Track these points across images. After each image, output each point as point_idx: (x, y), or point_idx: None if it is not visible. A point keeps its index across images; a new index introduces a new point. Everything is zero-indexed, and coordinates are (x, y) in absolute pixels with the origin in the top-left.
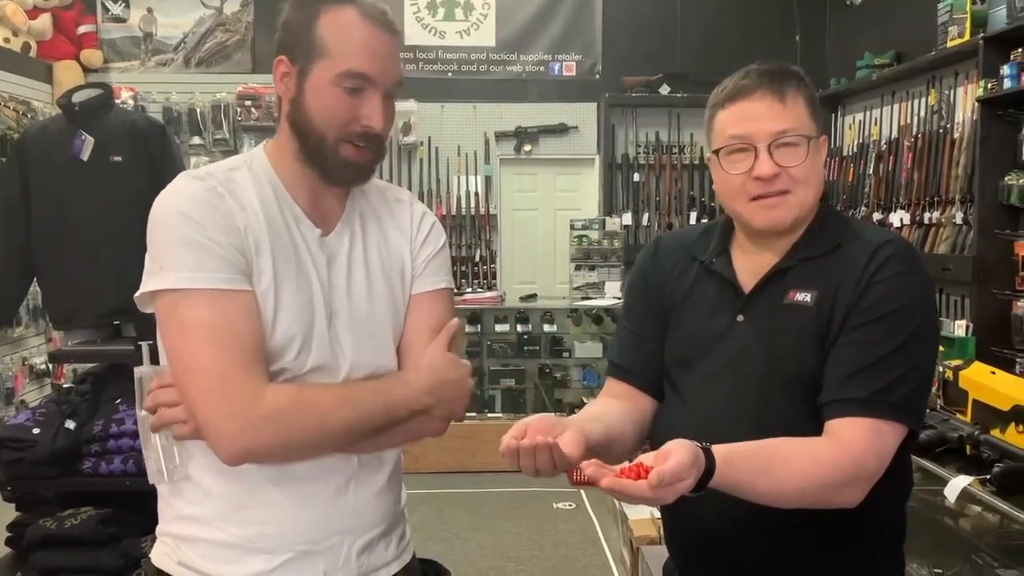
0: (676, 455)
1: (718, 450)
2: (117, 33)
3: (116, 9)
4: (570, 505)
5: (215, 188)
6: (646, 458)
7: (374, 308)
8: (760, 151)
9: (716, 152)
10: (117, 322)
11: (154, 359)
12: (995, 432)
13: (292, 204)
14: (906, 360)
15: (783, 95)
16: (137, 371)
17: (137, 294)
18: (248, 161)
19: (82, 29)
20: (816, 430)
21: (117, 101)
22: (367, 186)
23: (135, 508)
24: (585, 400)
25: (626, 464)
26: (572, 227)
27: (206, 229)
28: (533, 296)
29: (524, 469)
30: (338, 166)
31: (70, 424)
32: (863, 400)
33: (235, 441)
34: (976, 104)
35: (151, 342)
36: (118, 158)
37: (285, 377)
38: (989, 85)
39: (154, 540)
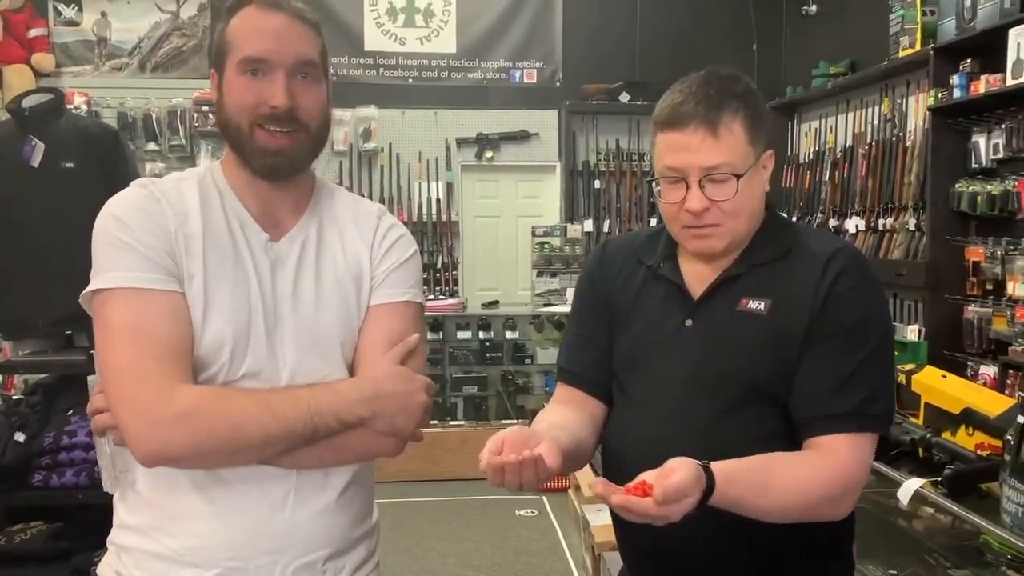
0: (679, 473)
1: (717, 467)
2: (70, 37)
3: (69, 12)
4: (532, 512)
5: (152, 194)
6: (648, 476)
7: (321, 316)
8: (691, 185)
9: (654, 179)
10: (69, 332)
11: None
12: (946, 435)
13: (240, 209)
14: (877, 370)
15: (716, 126)
16: (91, 380)
17: (80, 297)
18: (200, 171)
19: (33, 32)
20: (764, 435)
21: (69, 106)
22: (336, 195)
23: (88, 521)
24: None
25: (631, 483)
26: (534, 234)
27: (132, 230)
28: (495, 303)
29: (508, 485)
30: (256, 154)
31: (19, 436)
32: (846, 415)
33: (145, 441)
34: (927, 113)
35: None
36: (70, 164)
37: (219, 382)
38: (939, 94)
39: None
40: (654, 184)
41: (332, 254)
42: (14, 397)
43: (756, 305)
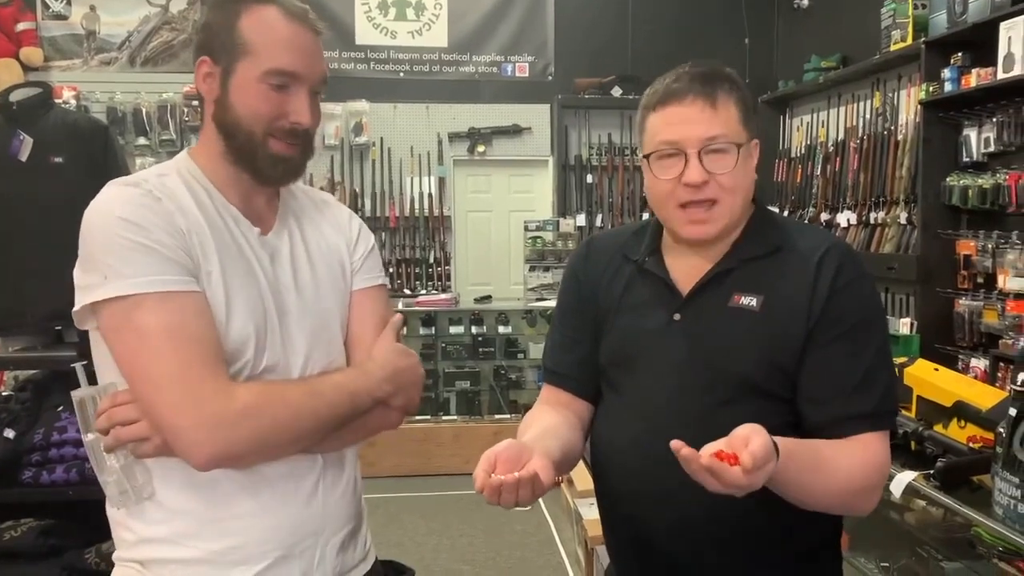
0: (756, 439)
1: (777, 440)
2: (58, 31)
3: (57, 6)
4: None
5: (151, 192)
6: (716, 446)
7: (323, 303)
8: (690, 157)
9: (647, 156)
10: (59, 327)
11: (91, 380)
12: (938, 428)
13: (227, 205)
14: (885, 364)
15: (714, 99)
16: (75, 395)
17: (75, 309)
18: (176, 167)
19: (21, 26)
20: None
21: (58, 100)
22: (293, 188)
23: (79, 518)
24: None
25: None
26: (526, 228)
27: (150, 232)
28: (488, 298)
29: (504, 504)
30: (268, 163)
31: (9, 433)
32: (869, 415)
33: (208, 443)
34: (919, 106)
35: (85, 363)
36: (59, 159)
37: (243, 378)
38: (931, 88)
39: (98, 551)
40: (647, 161)
41: (317, 243)
42: (3, 393)
43: (748, 301)
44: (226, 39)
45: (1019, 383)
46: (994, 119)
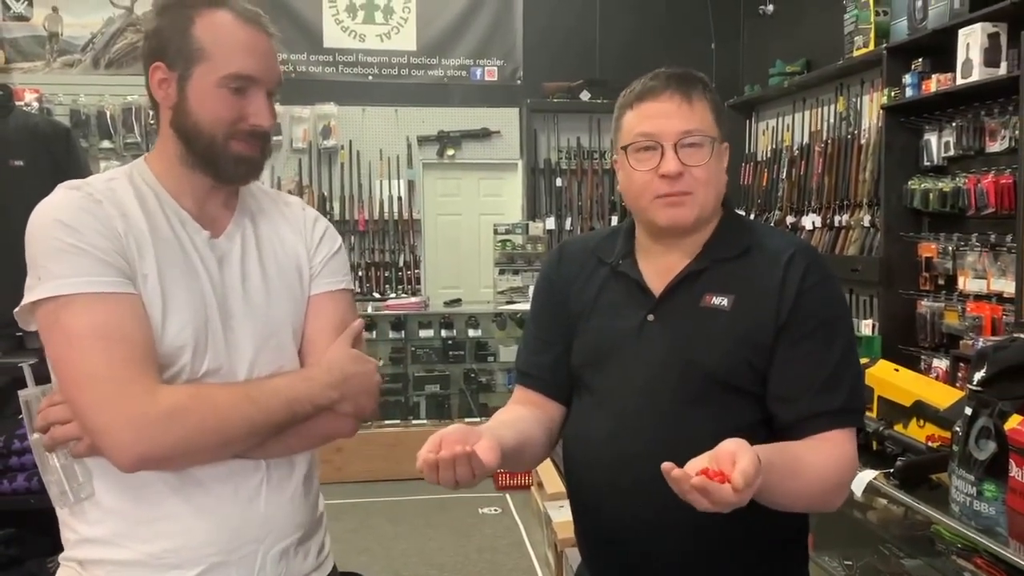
0: (744, 455)
1: (758, 452)
2: (20, 32)
3: (18, 7)
4: (495, 510)
5: (92, 195)
6: (701, 461)
7: (272, 308)
8: (667, 149)
9: (624, 149)
10: (20, 333)
11: (42, 380)
12: (899, 427)
13: (177, 209)
14: (852, 362)
15: (690, 97)
16: (22, 394)
17: (16, 310)
18: (128, 172)
19: None
20: (728, 428)
21: (19, 103)
22: (256, 191)
23: (40, 527)
24: None
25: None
26: (496, 231)
27: (83, 234)
28: (457, 301)
29: (443, 482)
30: (231, 163)
31: None
32: (837, 412)
33: (131, 444)
34: (881, 111)
35: (33, 362)
36: (19, 162)
37: (181, 381)
38: (892, 93)
39: (58, 563)
40: (624, 153)
41: (271, 247)
42: None
43: (720, 301)
44: (181, 44)
45: (974, 383)
46: (953, 124)
